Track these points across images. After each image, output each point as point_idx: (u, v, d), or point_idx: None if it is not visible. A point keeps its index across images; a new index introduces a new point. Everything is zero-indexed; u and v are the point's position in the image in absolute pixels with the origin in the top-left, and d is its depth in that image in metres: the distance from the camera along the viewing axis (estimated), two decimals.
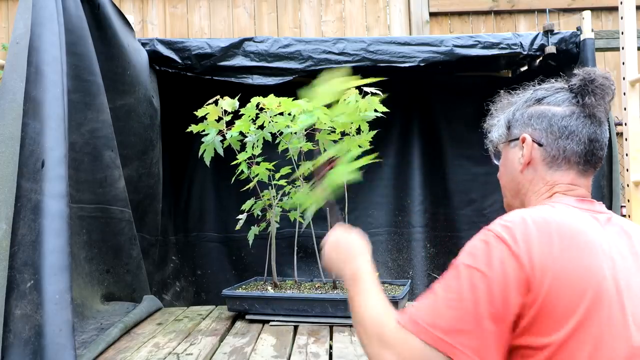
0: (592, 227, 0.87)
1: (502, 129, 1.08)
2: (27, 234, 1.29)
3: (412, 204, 2.80)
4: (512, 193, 1.07)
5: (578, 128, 0.96)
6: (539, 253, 0.80)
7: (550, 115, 0.99)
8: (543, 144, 0.99)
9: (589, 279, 0.79)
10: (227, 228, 2.81)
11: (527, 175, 1.02)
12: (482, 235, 0.85)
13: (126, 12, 2.53)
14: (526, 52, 2.41)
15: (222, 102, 1.84)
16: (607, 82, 0.97)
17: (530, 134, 1.00)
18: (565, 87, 1.02)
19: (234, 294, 1.86)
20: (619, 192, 2.34)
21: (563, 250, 0.80)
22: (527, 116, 1.02)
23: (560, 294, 0.78)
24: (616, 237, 0.88)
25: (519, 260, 0.79)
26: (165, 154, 2.52)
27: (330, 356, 1.41)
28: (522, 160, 1.01)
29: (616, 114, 3.09)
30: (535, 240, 0.81)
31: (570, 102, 0.99)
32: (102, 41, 1.88)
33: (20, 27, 1.43)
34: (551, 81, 1.06)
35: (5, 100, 1.34)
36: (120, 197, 1.95)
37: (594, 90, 0.96)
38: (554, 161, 0.98)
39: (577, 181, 0.99)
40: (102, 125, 1.85)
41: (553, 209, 0.90)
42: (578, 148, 0.97)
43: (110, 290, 1.96)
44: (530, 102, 1.03)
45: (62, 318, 1.25)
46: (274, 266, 1.99)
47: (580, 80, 0.98)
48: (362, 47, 2.41)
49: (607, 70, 1.18)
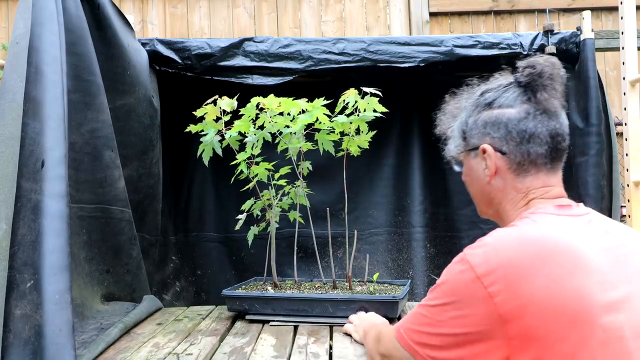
0: (576, 238, 0.84)
1: (457, 139, 1.05)
2: (27, 234, 1.29)
3: (412, 204, 2.80)
4: (484, 203, 1.05)
5: (537, 128, 0.94)
6: (516, 284, 0.77)
7: (505, 121, 0.95)
8: (506, 152, 0.96)
9: (571, 304, 0.76)
10: (227, 228, 2.81)
11: (497, 185, 0.99)
12: (458, 262, 0.85)
13: (126, 12, 2.53)
14: (526, 52, 2.40)
15: (220, 101, 1.84)
16: (555, 70, 0.94)
17: (490, 143, 0.97)
18: (512, 81, 0.98)
19: (233, 294, 1.86)
20: (619, 192, 2.34)
21: (546, 275, 0.78)
22: (481, 124, 0.98)
23: (541, 323, 0.76)
24: (600, 240, 0.86)
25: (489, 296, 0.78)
26: (165, 154, 2.52)
27: (330, 356, 1.41)
28: (488, 172, 0.98)
29: (616, 114, 3.10)
30: (513, 270, 0.79)
31: (522, 100, 0.95)
32: (102, 41, 1.88)
33: (20, 27, 1.43)
34: (496, 77, 1.02)
35: (5, 100, 1.34)
36: (120, 197, 1.95)
37: (544, 84, 0.93)
38: (521, 167, 0.96)
39: (549, 181, 0.96)
40: (102, 125, 1.85)
41: (534, 225, 0.87)
42: (542, 149, 0.94)
43: (110, 290, 1.96)
44: (481, 107, 0.99)
45: (62, 318, 1.25)
46: (273, 266, 1.99)
47: (527, 76, 0.94)
48: (362, 47, 2.41)
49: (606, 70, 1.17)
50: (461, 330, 0.82)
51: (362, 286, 1.95)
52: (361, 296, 1.75)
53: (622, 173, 2.31)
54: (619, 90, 3.09)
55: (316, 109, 1.79)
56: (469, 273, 0.81)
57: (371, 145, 1.98)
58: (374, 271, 2.20)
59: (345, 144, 1.92)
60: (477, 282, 0.80)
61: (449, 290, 0.85)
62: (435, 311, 0.87)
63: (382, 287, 1.95)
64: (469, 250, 0.86)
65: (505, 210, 0.99)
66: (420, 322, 0.90)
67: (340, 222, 2.70)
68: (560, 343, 0.75)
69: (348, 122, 1.82)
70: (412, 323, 0.93)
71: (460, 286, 0.83)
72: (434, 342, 0.86)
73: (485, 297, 0.79)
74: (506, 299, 0.78)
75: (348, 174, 2.00)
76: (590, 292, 0.77)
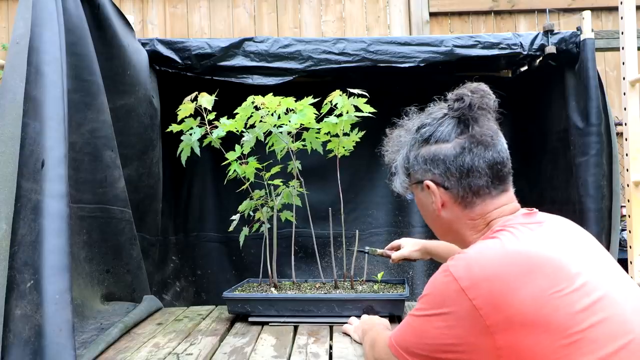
0: (552, 247, 0.85)
1: (402, 176, 1.07)
2: (27, 234, 1.29)
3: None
4: (441, 232, 1.07)
5: (474, 162, 0.95)
6: (501, 297, 0.78)
7: (443, 157, 0.97)
8: (448, 187, 0.98)
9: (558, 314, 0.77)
10: (227, 228, 2.80)
11: (447, 217, 1.01)
12: (442, 274, 0.86)
13: (126, 12, 2.52)
14: (526, 52, 2.40)
15: (200, 98, 1.82)
16: (484, 97, 0.95)
17: (432, 180, 0.99)
18: (446, 113, 0.99)
19: (235, 296, 1.84)
20: (619, 192, 2.34)
21: (531, 288, 0.78)
22: (422, 160, 1.00)
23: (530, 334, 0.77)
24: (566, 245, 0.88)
25: (473, 309, 0.79)
26: (165, 154, 2.52)
27: (330, 356, 1.41)
28: (435, 206, 1.00)
29: (616, 114, 3.10)
30: (498, 284, 0.79)
31: (457, 133, 0.97)
32: (102, 41, 1.88)
33: (20, 27, 1.43)
34: (431, 108, 1.04)
35: (6, 100, 1.34)
36: (120, 197, 1.95)
37: (474, 116, 0.95)
38: (465, 200, 0.97)
39: (499, 202, 0.97)
40: (102, 125, 1.85)
41: (514, 237, 0.87)
42: (482, 181, 0.95)
43: (110, 290, 1.96)
44: (419, 143, 1.01)
45: (62, 318, 1.25)
46: (274, 266, 1.99)
47: (457, 110, 0.96)
48: (362, 47, 2.41)
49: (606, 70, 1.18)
50: (448, 341, 0.83)
51: (363, 285, 1.95)
52: (368, 295, 1.75)
53: (622, 173, 2.31)
54: (619, 90, 3.09)
55: (306, 108, 1.79)
56: (453, 285, 0.82)
57: (371, 145, 1.97)
58: (374, 271, 2.20)
59: (333, 145, 1.92)
60: (461, 294, 0.81)
61: (434, 301, 0.86)
62: (421, 321, 0.89)
63: (382, 286, 1.96)
64: (452, 262, 0.86)
65: (467, 235, 1.00)
66: (408, 332, 0.93)
67: (340, 222, 2.70)
68: (550, 353, 0.76)
69: (334, 123, 1.82)
70: (401, 332, 0.95)
71: (444, 298, 0.84)
72: (422, 351, 0.88)
73: (470, 309, 0.80)
74: (491, 311, 0.78)
75: (348, 174, 2.00)
76: (573, 299, 0.78)
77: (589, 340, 0.76)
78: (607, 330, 0.77)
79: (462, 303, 0.80)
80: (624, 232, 2.31)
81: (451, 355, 0.84)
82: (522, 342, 0.77)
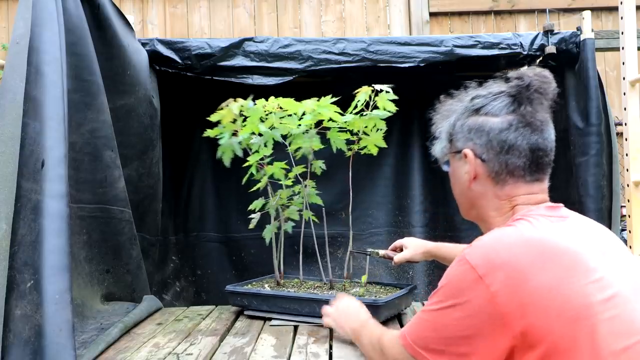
0: (571, 239, 0.86)
1: (444, 141, 1.07)
2: (27, 234, 1.29)
3: (412, 204, 2.80)
4: (466, 206, 1.06)
5: (517, 140, 0.94)
6: (517, 284, 0.79)
7: (488, 129, 0.96)
8: (485, 160, 0.97)
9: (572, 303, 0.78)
10: (227, 228, 2.81)
11: (476, 190, 1.01)
12: (459, 262, 0.86)
13: (126, 12, 2.52)
14: (526, 52, 2.40)
15: (235, 104, 1.84)
16: (544, 83, 0.95)
17: (472, 149, 0.98)
18: (503, 90, 0.99)
19: (235, 289, 1.90)
20: (619, 192, 2.34)
21: (547, 276, 0.79)
22: (467, 129, 1.00)
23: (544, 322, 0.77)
24: (587, 241, 0.88)
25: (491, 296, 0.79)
26: (165, 154, 2.52)
27: (330, 356, 1.41)
28: (467, 176, 1.00)
29: (616, 114, 3.10)
30: (514, 270, 0.80)
31: (508, 110, 0.96)
32: (102, 41, 1.88)
33: (20, 27, 1.43)
34: (490, 84, 1.03)
35: (6, 100, 1.34)
36: (120, 197, 1.95)
37: (530, 97, 0.94)
38: (498, 176, 0.97)
39: (531, 189, 0.97)
40: (102, 125, 1.85)
41: (532, 226, 0.87)
42: (520, 161, 0.95)
43: (110, 290, 1.96)
44: (469, 112, 1.01)
45: (62, 318, 1.25)
46: (280, 264, 2.00)
47: (515, 87, 0.95)
48: (362, 47, 2.41)
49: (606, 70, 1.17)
50: (466, 332, 0.83)
51: (358, 287, 1.93)
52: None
53: (622, 173, 2.31)
54: (619, 90, 3.09)
55: (323, 107, 1.78)
56: (470, 274, 0.82)
57: None
58: (374, 271, 2.20)
59: (365, 143, 1.91)
60: (479, 281, 0.81)
61: (451, 292, 0.85)
62: (438, 315, 0.87)
63: (379, 288, 1.95)
64: (468, 250, 0.86)
65: (490, 216, 1.00)
66: (425, 328, 0.91)
67: (340, 222, 2.70)
68: (565, 340, 0.76)
69: (364, 119, 1.80)
70: (418, 329, 0.93)
71: (462, 287, 0.83)
72: (441, 346, 0.87)
73: (487, 296, 0.80)
74: (508, 298, 0.78)
75: (348, 174, 2.00)
76: (589, 291, 0.79)
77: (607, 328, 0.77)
78: (616, 328, 0.78)
79: (480, 290, 0.80)
80: (624, 232, 2.31)
81: (467, 349, 0.83)
82: (535, 329, 0.77)
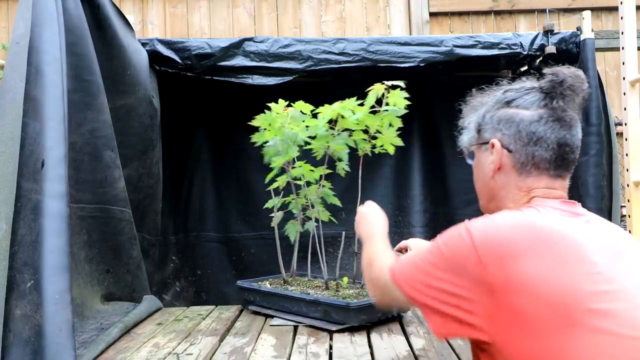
0: (576, 232, 0.86)
1: (472, 132, 1.08)
2: (27, 234, 1.29)
3: (412, 204, 2.80)
4: (487, 197, 1.07)
5: (546, 133, 0.96)
6: (509, 261, 0.80)
7: (518, 120, 0.98)
8: (512, 150, 0.98)
9: (560, 291, 0.78)
10: (227, 228, 2.81)
11: (499, 181, 1.02)
12: (460, 228, 0.88)
13: (126, 12, 2.52)
14: (526, 52, 2.40)
15: (274, 107, 1.88)
16: (578, 81, 0.96)
17: (500, 139, 0.99)
18: (535, 86, 1.00)
19: (242, 284, 1.97)
20: (619, 192, 2.34)
21: (540, 261, 0.80)
22: (496, 120, 1.01)
23: (530, 305, 0.78)
24: (598, 238, 0.88)
25: (485, 262, 0.82)
26: (165, 154, 2.52)
27: (330, 356, 1.41)
28: (492, 166, 1.01)
29: (616, 114, 3.09)
30: (508, 249, 0.81)
31: (539, 105, 0.97)
32: (102, 41, 1.88)
33: (20, 27, 1.43)
34: (522, 80, 1.05)
35: (6, 100, 1.34)
36: (120, 197, 1.95)
37: (563, 93, 0.95)
38: (524, 167, 0.98)
39: (552, 184, 0.98)
40: (102, 125, 1.85)
41: (538, 213, 0.89)
42: (547, 154, 0.96)
43: (110, 290, 1.96)
44: (500, 104, 1.02)
45: (62, 318, 1.25)
46: (293, 263, 2.03)
47: (549, 82, 0.97)
48: (362, 47, 2.41)
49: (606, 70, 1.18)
50: (452, 290, 0.85)
51: (351, 290, 1.91)
52: (323, 298, 1.75)
53: (622, 173, 2.31)
54: (619, 90, 3.09)
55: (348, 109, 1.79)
56: (467, 240, 0.85)
57: None
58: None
59: (380, 142, 1.91)
60: (472, 249, 0.84)
61: (446, 251, 0.88)
62: (430, 266, 0.90)
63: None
64: (473, 220, 0.89)
65: (507, 207, 1.01)
66: (415, 269, 0.94)
67: (341, 222, 2.70)
68: (546, 327, 0.77)
69: (379, 116, 1.80)
70: (408, 269, 0.96)
71: (456, 250, 0.86)
72: (424, 293, 0.90)
73: (477, 264, 0.82)
74: (496, 271, 0.81)
75: (348, 174, 2.01)
76: (580, 281, 0.79)
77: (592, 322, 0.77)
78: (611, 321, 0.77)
79: (472, 258, 0.83)
80: None
81: (450, 309, 0.85)
82: (519, 307, 0.78)
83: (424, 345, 1.51)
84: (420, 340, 1.56)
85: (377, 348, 1.48)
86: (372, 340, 1.56)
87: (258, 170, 2.80)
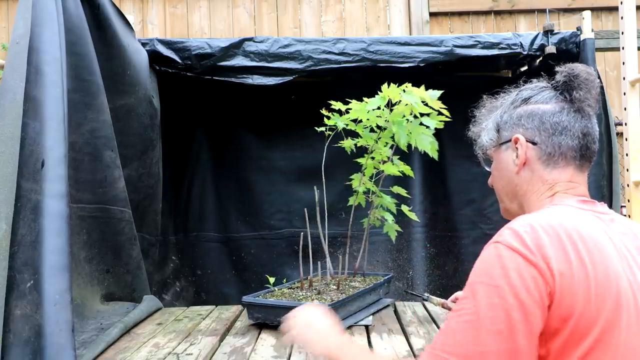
0: (598, 229, 0.85)
1: (491, 132, 1.06)
2: (27, 234, 1.29)
3: (412, 204, 2.80)
4: (510, 197, 1.05)
5: (570, 123, 0.96)
6: (554, 261, 0.77)
7: (540, 113, 0.98)
8: (537, 142, 0.98)
9: (608, 285, 0.77)
10: (227, 228, 2.81)
11: (524, 176, 1.00)
12: (491, 249, 0.80)
13: (126, 12, 2.53)
14: (526, 52, 2.40)
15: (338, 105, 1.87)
16: (591, 76, 0.97)
17: (523, 134, 0.99)
18: (549, 85, 1.01)
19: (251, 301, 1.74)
20: (619, 192, 2.34)
21: (577, 257, 0.78)
22: (516, 117, 1.01)
23: (581, 303, 0.76)
24: (622, 238, 0.87)
25: (537, 268, 0.76)
26: (165, 154, 2.52)
27: None
28: (517, 162, 1.00)
29: (616, 114, 3.09)
30: (548, 247, 0.78)
31: (558, 99, 0.98)
32: (102, 41, 1.88)
33: (20, 27, 1.42)
34: (533, 81, 1.05)
35: (6, 100, 1.34)
36: (120, 197, 1.95)
37: (580, 85, 0.96)
38: (551, 158, 0.97)
39: (575, 178, 0.98)
40: (102, 125, 1.85)
41: (558, 214, 0.87)
42: (573, 142, 0.96)
43: (110, 290, 1.96)
44: (517, 103, 1.02)
45: (62, 318, 1.25)
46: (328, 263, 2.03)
47: (565, 77, 0.97)
48: (362, 47, 2.41)
49: (606, 70, 1.18)
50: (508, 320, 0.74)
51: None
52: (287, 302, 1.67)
53: (622, 173, 2.31)
54: (619, 90, 3.09)
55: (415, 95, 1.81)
56: (513, 254, 0.77)
57: None
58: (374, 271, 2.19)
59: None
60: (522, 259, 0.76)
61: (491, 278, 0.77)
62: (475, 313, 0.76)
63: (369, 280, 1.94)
64: (499, 238, 0.81)
65: (530, 201, 1.00)
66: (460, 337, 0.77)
67: (341, 222, 2.70)
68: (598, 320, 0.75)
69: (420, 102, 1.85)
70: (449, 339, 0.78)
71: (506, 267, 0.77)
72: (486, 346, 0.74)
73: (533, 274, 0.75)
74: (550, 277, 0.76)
75: (347, 174, 2.01)
76: (622, 274, 0.79)
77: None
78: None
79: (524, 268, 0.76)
80: None
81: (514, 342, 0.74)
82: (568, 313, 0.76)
83: (424, 346, 1.50)
84: (420, 340, 1.56)
85: (377, 348, 1.48)
86: (372, 340, 1.55)
87: (258, 170, 2.81)
